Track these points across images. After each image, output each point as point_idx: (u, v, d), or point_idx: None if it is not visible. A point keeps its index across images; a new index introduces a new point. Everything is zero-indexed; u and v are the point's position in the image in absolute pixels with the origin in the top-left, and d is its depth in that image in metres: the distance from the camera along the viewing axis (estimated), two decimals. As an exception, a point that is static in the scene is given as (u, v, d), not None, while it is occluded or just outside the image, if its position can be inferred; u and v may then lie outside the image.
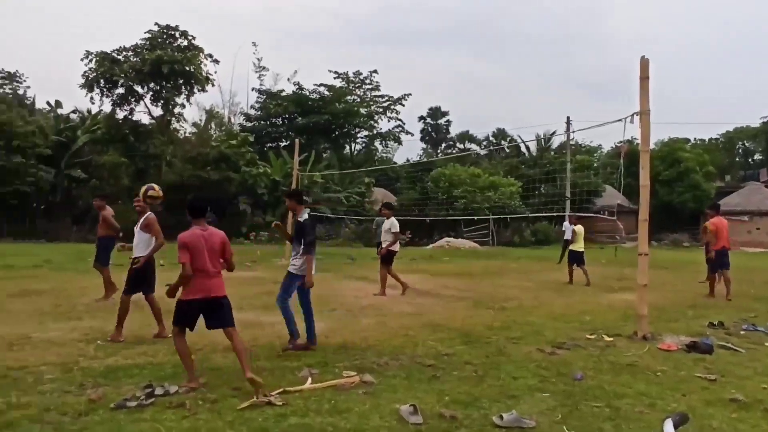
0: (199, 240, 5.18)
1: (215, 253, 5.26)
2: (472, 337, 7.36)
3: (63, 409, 4.43)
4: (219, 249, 5.31)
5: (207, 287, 5.16)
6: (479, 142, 64.02)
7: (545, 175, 34.55)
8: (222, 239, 5.37)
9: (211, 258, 5.20)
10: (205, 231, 5.28)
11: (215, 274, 5.23)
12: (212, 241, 5.25)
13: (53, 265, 15.83)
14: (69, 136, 32.00)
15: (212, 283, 5.20)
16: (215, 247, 5.27)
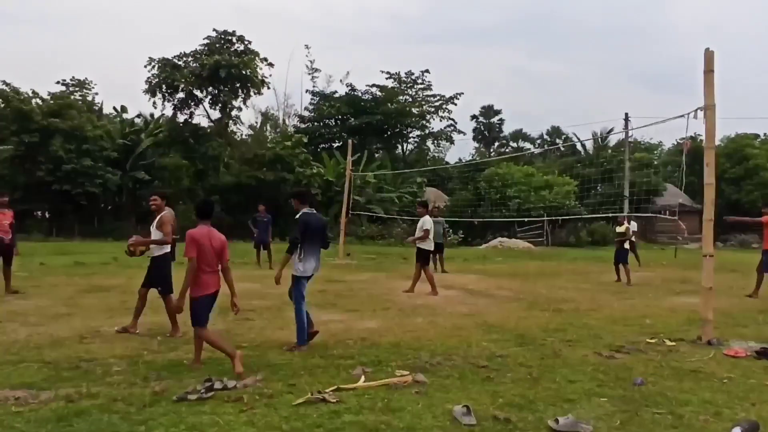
0: (206, 238, 5.65)
1: (216, 254, 5.70)
2: (526, 338, 7.24)
3: (129, 400, 4.63)
4: (219, 250, 5.72)
5: (215, 282, 5.67)
6: (533, 141, 63.00)
7: (602, 174, 33.58)
8: (222, 242, 5.80)
9: (216, 256, 5.71)
10: (211, 232, 5.77)
11: (217, 272, 5.74)
12: (215, 242, 5.71)
13: (120, 262, 16.53)
14: (134, 140, 33.38)
15: (218, 278, 5.72)
16: (216, 247, 5.70)
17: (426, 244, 11.42)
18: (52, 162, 27.29)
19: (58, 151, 27.15)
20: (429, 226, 11.37)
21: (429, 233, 11.36)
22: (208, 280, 5.65)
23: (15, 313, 8.45)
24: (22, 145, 27.21)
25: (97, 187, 28.62)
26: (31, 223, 27.61)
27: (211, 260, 5.67)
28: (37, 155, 27.35)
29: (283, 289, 8.24)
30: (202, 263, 5.60)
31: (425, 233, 11.32)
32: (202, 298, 5.68)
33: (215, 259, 5.71)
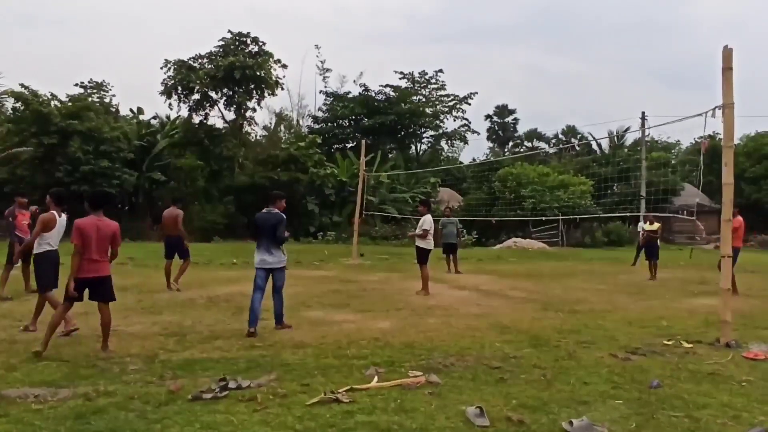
0: (93, 229, 6.14)
1: (104, 242, 6.19)
2: (540, 340, 7.20)
3: (145, 398, 4.69)
4: (108, 239, 6.22)
5: (94, 269, 6.16)
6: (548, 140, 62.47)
7: (618, 174, 33.28)
8: (112, 231, 6.28)
9: (98, 246, 6.16)
10: (100, 221, 6.25)
11: (101, 260, 6.21)
12: (104, 231, 6.19)
13: (136, 262, 16.73)
14: (150, 141, 33.69)
15: (98, 266, 6.20)
16: (105, 237, 6.19)
17: (425, 243, 11.35)
18: (71, 163, 27.63)
19: (77, 152, 27.48)
20: (428, 226, 11.29)
21: (428, 233, 11.29)
22: (87, 266, 6.14)
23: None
24: (41, 146, 27.56)
25: (114, 187, 28.90)
26: (50, 223, 28.03)
27: (97, 248, 6.16)
28: (56, 156, 27.70)
29: (295, 290, 8.31)
30: (85, 251, 6.11)
31: (424, 232, 11.28)
32: (77, 281, 6.18)
33: (103, 247, 6.21)
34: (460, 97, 45.81)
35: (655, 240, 15.59)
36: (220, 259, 17.85)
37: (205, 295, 10.63)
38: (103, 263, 6.27)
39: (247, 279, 13.20)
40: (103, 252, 6.25)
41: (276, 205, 7.97)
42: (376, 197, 30.95)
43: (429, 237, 11.34)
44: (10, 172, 27.75)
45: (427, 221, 11.34)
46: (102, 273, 6.27)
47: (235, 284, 12.28)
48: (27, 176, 27.51)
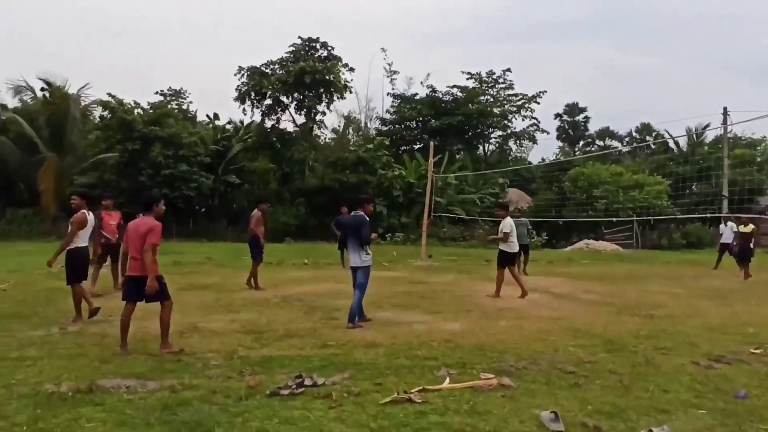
0: (133, 228, 6.47)
1: (138, 240, 6.34)
2: (616, 345, 6.99)
3: (227, 392, 4.92)
4: (142, 237, 6.32)
5: (136, 267, 6.38)
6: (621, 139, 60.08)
7: (698, 173, 31.63)
8: (147, 229, 6.35)
9: (134, 243, 6.38)
10: (139, 222, 6.50)
11: (136, 258, 6.35)
12: (138, 230, 6.37)
13: (214, 262, 17.48)
14: (225, 145, 35.10)
15: (133, 264, 6.40)
16: (140, 235, 6.34)
17: (507, 246, 11.14)
18: (153, 167, 29.19)
19: (158, 157, 29.00)
20: (509, 229, 11.07)
21: (509, 236, 11.09)
22: (132, 265, 6.43)
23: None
24: (125, 152, 29.30)
25: (192, 190, 30.30)
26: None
27: (135, 247, 6.38)
28: (139, 161, 29.34)
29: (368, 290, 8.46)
30: (129, 250, 6.48)
31: (504, 236, 11.06)
32: (128, 279, 6.56)
33: (138, 245, 6.34)
34: (529, 96, 44.94)
35: (748, 243, 15.36)
36: (292, 260, 18.35)
37: (279, 294, 10.98)
38: (135, 263, 6.42)
39: (318, 279, 13.62)
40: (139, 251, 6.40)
41: (363, 208, 8.33)
42: (444, 198, 30.86)
43: (511, 240, 11.11)
44: (98, 176, 29.59)
45: (506, 224, 11.09)
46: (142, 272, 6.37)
47: (307, 284, 12.63)
48: (113, 180, 29.26)
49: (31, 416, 4.35)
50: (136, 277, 6.42)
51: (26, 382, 5.21)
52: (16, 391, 4.93)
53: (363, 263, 8.18)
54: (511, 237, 11.06)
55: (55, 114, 31.13)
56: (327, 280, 13.59)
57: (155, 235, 6.37)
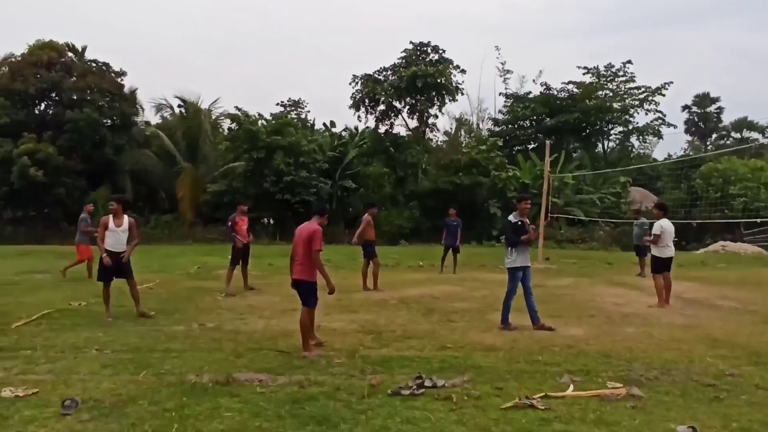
0: (297, 233, 6.66)
1: (300, 245, 6.55)
2: (763, 357, 6.37)
3: (350, 390, 5.10)
4: (305, 241, 6.51)
5: (295, 270, 6.61)
6: (762, 130, 54.37)
7: None
8: (308, 234, 6.53)
9: (297, 249, 6.61)
10: (302, 227, 6.71)
11: (299, 262, 6.58)
12: (301, 235, 6.59)
13: (331, 264, 18.10)
14: (341, 151, 36.29)
15: (295, 268, 6.63)
16: (301, 240, 6.56)
17: (657, 251, 10.17)
18: (276, 174, 30.87)
19: (280, 164, 30.62)
20: (658, 231, 10.08)
21: (658, 239, 10.06)
22: (293, 268, 6.68)
23: (253, 307, 9.77)
24: (251, 161, 31.25)
25: (311, 195, 31.64)
26: (260, 228, 31.56)
27: (296, 251, 6.63)
28: (264, 169, 31.16)
29: (482, 293, 8.38)
30: (294, 254, 6.70)
31: (654, 238, 10.24)
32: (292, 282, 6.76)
33: (298, 250, 6.58)
34: (653, 88, 42.00)
35: None
36: (408, 262, 18.56)
37: (396, 296, 11.16)
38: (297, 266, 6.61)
39: (434, 281, 13.68)
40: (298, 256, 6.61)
41: (519, 209, 8.18)
42: (560, 199, 29.74)
43: (662, 244, 10.24)
44: (228, 184, 31.80)
45: (655, 227, 10.26)
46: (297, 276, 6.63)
47: (423, 286, 12.73)
48: (241, 187, 31.28)
49: (179, 403, 4.79)
50: (299, 281, 6.63)
51: (173, 372, 5.75)
52: (165, 380, 5.45)
53: (506, 265, 8.18)
54: (664, 241, 10.12)
55: (190, 128, 34.05)
56: (443, 282, 13.61)
57: (319, 241, 6.56)
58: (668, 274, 10.14)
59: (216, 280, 13.22)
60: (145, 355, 6.44)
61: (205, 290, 11.88)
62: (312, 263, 6.54)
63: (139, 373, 5.64)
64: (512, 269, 8.08)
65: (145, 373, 5.64)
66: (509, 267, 8.12)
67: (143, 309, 8.88)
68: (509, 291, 8.11)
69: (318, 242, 6.54)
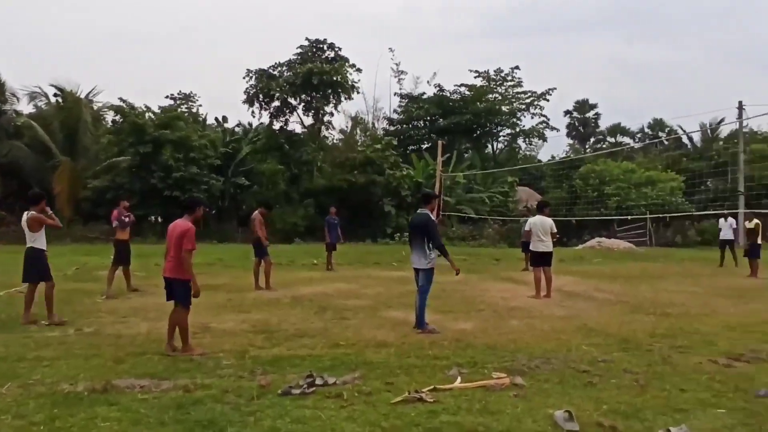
0: (170, 230, 6.51)
1: (172, 243, 6.37)
2: (631, 343, 6.91)
3: (238, 392, 4.91)
4: (177, 239, 6.32)
5: (166, 267, 6.49)
6: (633, 135, 59.67)
7: (713, 168, 31.30)
8: (180, 232, 6.33)
9: (169, 246, 6.44)
10: (174, 224, 6.53)
11: (169, 259, 6.43)
12: (173, 232, 6.40)
13: (224, 263, 17.52)
14: (234, 148, 35.18)
15: (167, 265, 6.46)
16: (174, 237, 6.36)
17: (534, 246, 10.90)
18: (164, 170, 29.31)
19: (169, 160, 29.13)
20: (528, 227, 10.97)
21: (529, 234, 10.87)
22: (165, 266, 6.55)
23: (136, 309, 9.19)
24: (137, 155, 29.47)
25: (202, 192, 30.37)
26: (147, 227, 29.85)
27: (168, 248, 6.45)
28: (151, 164, 29.50)
29: (376, 290, 8.42)
30: (167, 251, 6.53)
31: (525, 233, 10.95)
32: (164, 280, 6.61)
33: (170, 248, 6.41)
34: (538, 93, 44.70)
35: (755, 238, 15.22)
36: (302, 260, 18.35)
37: (289, 294, 10.96)
38: (168, 264, 6.53)
39: (328, 279, 13.60)
40: (170, 253, 6.52)
41: (428, 205, 8.04)
42: (452, 198, 30.76)
43: (535, 238, 10.81)
44: (111, 179, 29.79)
45: (528, 222, 11.01)
46: (167, 274, 6.54)
47: (317, 284, 12.62)
48: (126, 183, 29.43)
49: (48, 415, 4.36)
50: (170, 279, 6.46)
51: (43, 382, 5.23)
52: (33, 391, 4.95)
53: (427, 265, 7.72)
54: (537, 236, 10.83)
55: (67, 118, 31.37)
56: (337, 280, 13.57)
57: (189, 240, 6.34)
58: (547, 268, 10.78)
59: (96, 282, 12.28)
60: (12, 365, 5.83)
61: (84, 293, 10.99)
62: (181, 262, 6.32)
63: (2, 386, 5.07)
64: (432, 270, 7.80)
65: (9, 386, 5.07)
66: (430, 267, 7.74)
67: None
68: (426, 293, 7.81)
69: (189, 241, 6.29)
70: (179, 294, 6.43)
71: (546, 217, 11.03)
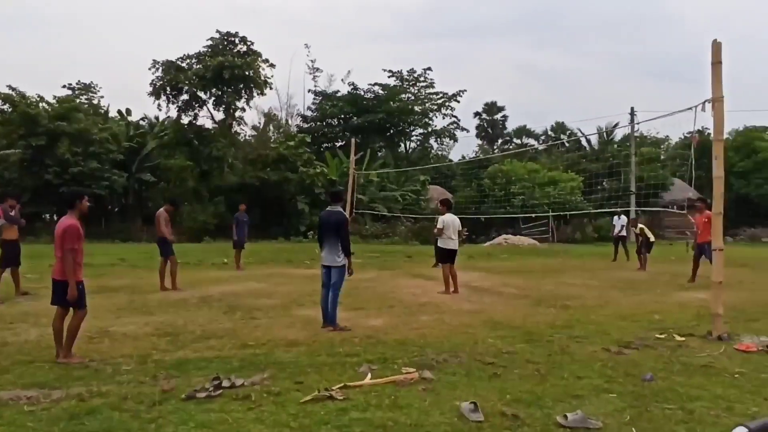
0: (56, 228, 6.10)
1: (57, 242, 5.96)
2: (533, 335, 7.23)
3: (139, 398, 4.65)
4: (60, 238, 5.94)
5: (54, 270, 6.08)
6: (537, 137, 62.70)
7: (608, 169, 33.47)
8: (62, 230, 5.95)
9: (55, 246, 6.02)
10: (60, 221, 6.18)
11: (57, 260, 6.01)
12: (57, 231, 6.03)
13: (127, 263, 16.62)
14: (139, 142, 33.47)
15: (54, 267, 6.07)
16: (58, 236, 5.99)
17: (443, 243, 11.19)
18: (59, 165, 27.41)
19: (65, 154, 27.27)
20: (441, 225, 11.15)
21: (441, 231, 11.13)
22: (53, 267, 6.12)
23: (27, 314, 8.50)
24: (29, 148, 27.36)
25: (103, 189, 28.74)
26: (40, 225, 27.77)
27: (56, 247, 6.02)
28: (45, 158, 27.49)
29: (288, 288, 8.30)
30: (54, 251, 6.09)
31: (438, 231, 11.14)
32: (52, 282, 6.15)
33: (56, 246, 6.01)
34: (449, 94, 45.88)
35: (644, 238, 16.43)
36: (212, 259, 17.76)
37: (197, 294, 10.58)
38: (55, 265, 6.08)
39: (239, 279, 13.25)
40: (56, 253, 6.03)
41: (339, 202, 8.03)
42: (366, 196, 30.92)
43: (445, 235, 11.13)
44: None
45: (440, 220, 11.22)
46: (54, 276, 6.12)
47: (227, 284, 12.27)
48: (16, 178, 27.28)
49: None
50: (57, 281, 6.01)
51: None
52: None
53: (339, 262, 7.72)
54: (447, 233, 11.11)
55: (-56, 107, 28.66)
56: (248, 279, 13.25)
57: (70, 238, 5.87)
58: (452, 265, 11.12)
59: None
60: None
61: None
62: (63, 262, 5.90)
63: None
64: (345, 267, 7.81)
65: None
66: (343, 265, 7.75)
67: None
68: (339, 290, 7.79)
69: (70, 239, 5.87)
70: (70, 297, 5.95)
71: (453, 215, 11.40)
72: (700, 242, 12.51)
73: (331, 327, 7.52)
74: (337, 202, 8.09)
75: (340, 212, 7.91)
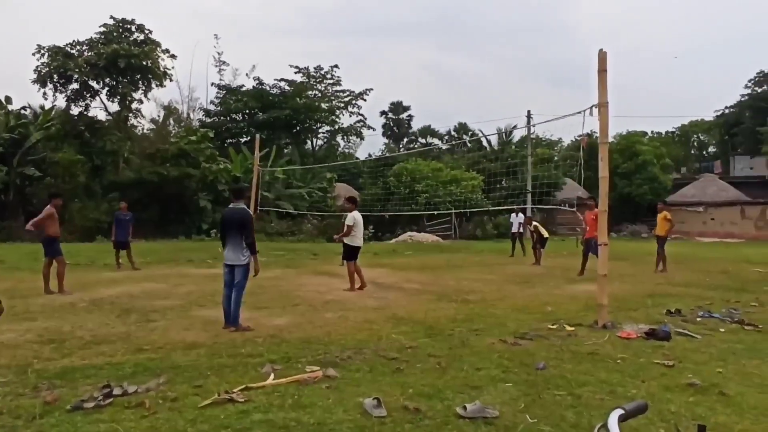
0: None
1: None
2: (435, 329, 7.41)
3: (17, 413, 4.28)
4: None
5: None
6: (441, 137, 64.52)
7: (507, 169, 34.98)
8: None
9: None
10: None
11: None
12: None
13: (7, 265, 15.27)
14: (21, 133, 30.70)
15: None
16: None
17: (350, 240, 11.16)
18: (-75, 157, 24.73)
19: (-68, 144, 24.64)
20: (351, 222, 11.13)
21: (352, 229, 11.10)
22: None
23: None
24: None
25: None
26: None
27: None
28: None
29: (188, 288, 7.96)
30: None
31: (348, 229, 11.11)
32: None
33: None
34: (356, 93, 46.06)
35: (539, 236, 17.37)
36: (105, 260, 16.67)
37: (87, 297, 9.90)
38: None
39: (134, 279, 12.56)
40: None
41: (242, 199, 7.84)
42: (271, 193, 30.36)
43: (353, 233, 11.07)
44: None
45: (350, 217, 11.14)
46: None
47: (121, 285, 11.59)
48: None
49: None
50: None
51: None
52: None
53: (243, 261, 7.52)
54: (355, 231, 11.12)
55: None
56: (145, 279, 12.58)
57: None
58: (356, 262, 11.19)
59: None
60: None
61: None
62: None
63: None
64: (248, 265, 7.62)
65: None
66: (246, 263, 7.57)
67: None
68: (242, 289, 7.60)
69: None
70: None
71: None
72: (587, 238, 13.40)
73: (233, 327, 7.31)
74: (240, 198, 7.88)
75: (243, 209, 7.72)
